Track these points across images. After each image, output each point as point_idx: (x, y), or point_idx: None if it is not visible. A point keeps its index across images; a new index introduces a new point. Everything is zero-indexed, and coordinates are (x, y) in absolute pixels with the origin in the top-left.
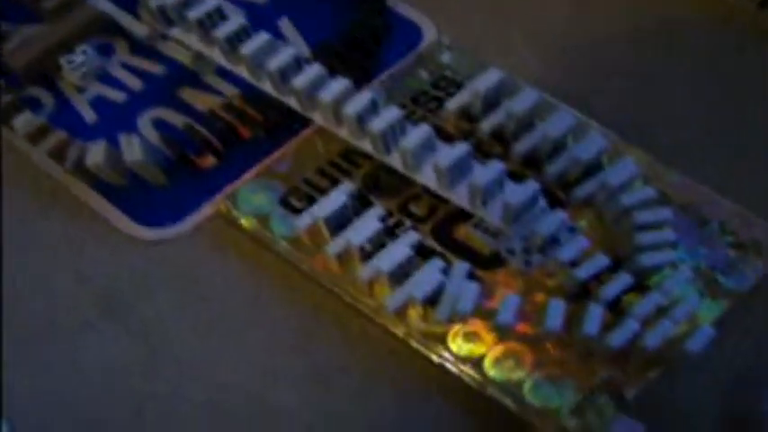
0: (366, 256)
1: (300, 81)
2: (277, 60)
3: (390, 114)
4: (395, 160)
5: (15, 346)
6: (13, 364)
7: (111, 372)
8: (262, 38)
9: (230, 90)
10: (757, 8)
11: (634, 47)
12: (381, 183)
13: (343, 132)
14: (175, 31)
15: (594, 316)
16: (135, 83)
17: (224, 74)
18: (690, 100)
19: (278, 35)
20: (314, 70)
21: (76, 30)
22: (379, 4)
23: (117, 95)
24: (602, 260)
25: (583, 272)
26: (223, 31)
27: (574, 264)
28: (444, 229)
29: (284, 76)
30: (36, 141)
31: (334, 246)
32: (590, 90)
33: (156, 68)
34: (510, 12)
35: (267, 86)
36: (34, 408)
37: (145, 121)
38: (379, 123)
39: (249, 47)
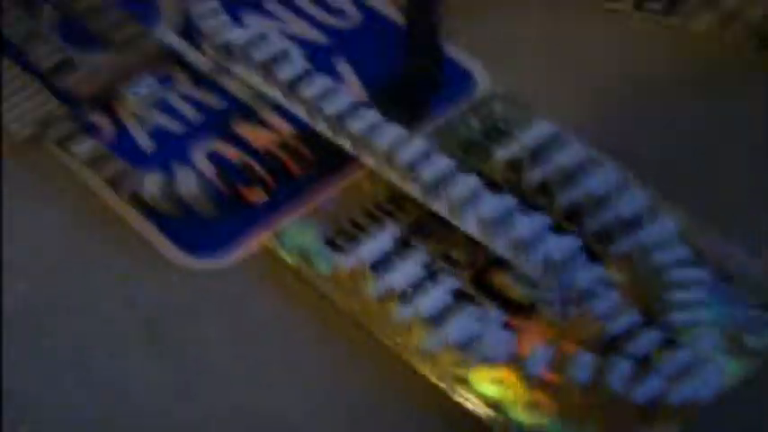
0: (405, 299)
1: (357, 125)
2: (335, 105)
3: (441, 163)
4: (441, 207)
5: (57, 363)
6: (53, 382)
7: (150, 394)
8: (323, 82)
9: (285, 127)
10: None
11: (683, 102)
12: (426, 228)
13: (393, 176)
14: (238, 68)
15: (621, 370)
16: (193, 114)
17: (280, 110)
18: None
19: (335, 75)
20: (370, 116)
21: (142, 61)
22: (436, 51)
23: (175, 126)
24: (633, 317)
25: (615, 326)
26: (286, 73)
27: (607, 317)
28: (483, 276)
29: (341, 119)
30: (95, 168)
31: (377, 288)
32: (635, 145)
33: (214, 102)
34: (564, 63)
35: (322, 127)
36: (70, 424)
37: (200, 153)
38: (429, 172)
39: (310, 90)
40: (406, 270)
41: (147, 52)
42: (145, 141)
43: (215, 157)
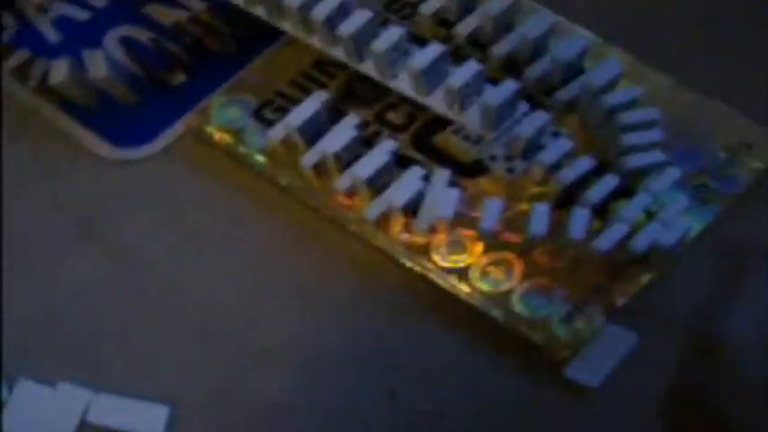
0: (343, 166)
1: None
2: None
3: (361, 17)
4: (368, 68)
5: None
6: None
7: (92, 293)
8: None
9: (196, 4)
10: None
11: None
12: (356, 92)
13: (314, 41)
14: None
15: (580, 220)
16: (98, 1)
17: None
18: None
19: None
20: None
21: None
22: None
23: (81, 14)
24: (586, 162)
25: (567, 175)
26: None
27: (557, 167)
28: (424, 137)
29: None
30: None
31: (310, 156)
32: None
33: None
34: None
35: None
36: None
37: (111, 40)
38: (349, 27)
39: None
40: (340, 135)
41: None
42: (50, 32)
43: (128, 43)
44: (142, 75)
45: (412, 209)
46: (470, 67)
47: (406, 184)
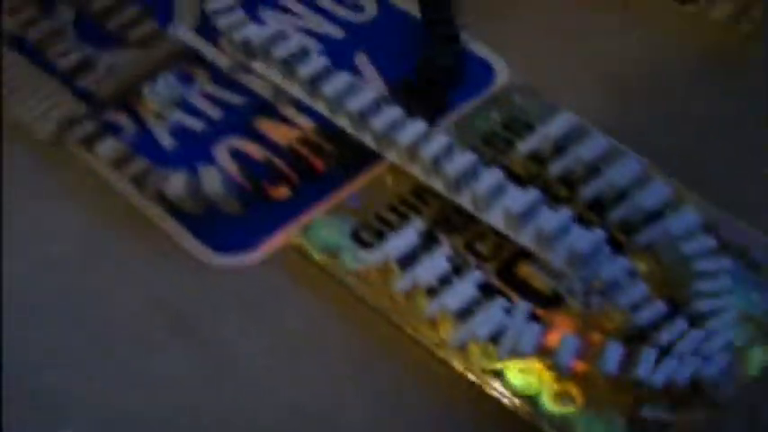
0: (432, 292)
1: (379, 122)
2: (357, 101)
3: (465, 159)
4: (465, 201)
5: (84, 356)
6: (79, 373)
7: (177, 386)
8: (344, 79)
9: (306, 123)
10: None
11: (700, 90)
12: (449, 220)
13: (417, 171)
14: (258, 66)
15: (647, 360)
16: (214, 112)
17: (301, 106)
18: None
19: (353, 69)
20: (392, 112)
21: (161, 60)
22: (454, 43)
23: (196, 124)
24: (660, 307)
25: (641, 317)
26: (306, 70)
27: (633, 308)
28: (508, 268)
29: (362, 116)
30: (118, 168)
31: (403, 283)
32: (655, 135)
33: (234, 99)
34: (583, 52)
35: (344, 123)
36: (99, 417)
37: (222, 150)
38: (453, 167)
39: (331, 87)
40: (432, 264)
41: (164, 51)
42: (166, 140)
43: (238, 155)
44: (248, 186)
45: (493, 338)
46: (562, 214)
47: (490, 317)
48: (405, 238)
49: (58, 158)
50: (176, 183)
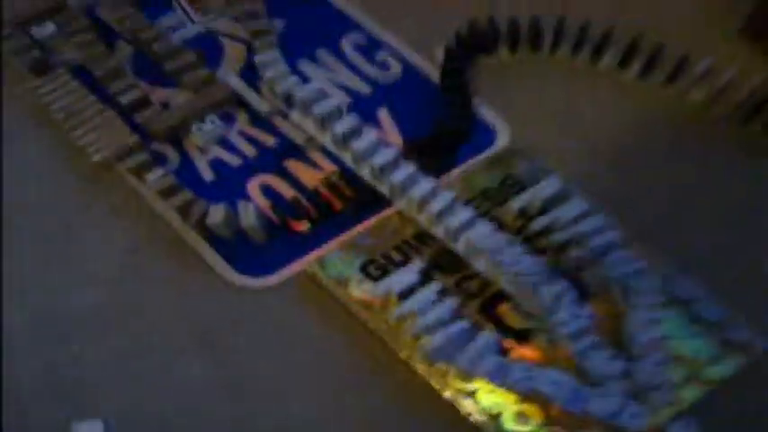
0: (419, 320)
1: (394, 177)
2: (378, 158)
3: (465, 214)
4: (460, 248)
5: (117, 359)
6: (111, 375)
7: (199, 393)
8: (370, 138)
9: (330, 167)
10: None
11: (674, 156)
12: (443, 261)
13: (422, 220)
14: (295, 115)
15: (595, 395)
16: (250, 151)
17: (326, 151)
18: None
19: (375, 122)
20: (406, 169)
21: (208, 102)
22: (466, 108)
23: (233, 160)
24: (605, 353)
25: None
26: (339, 127)
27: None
28: (489, 305)
29: (382, 171)
30: (165, 197)
31: (399, 311)
32: (630, 198)
33: (269, 140)
34: (576, 122)
35: (364, 173)
36: (126, 413)
37: (255, 186)
38: (454, 221)
39: (359, 144)
40: (425, 298)
41: (212, 94)
42: (207, 173)
43: (268, 191)
44: (275, 220)
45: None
46: (538, 263)
47: (468, 348)
48: (405, 277)
49: (107, 182)
50: (216, 214)
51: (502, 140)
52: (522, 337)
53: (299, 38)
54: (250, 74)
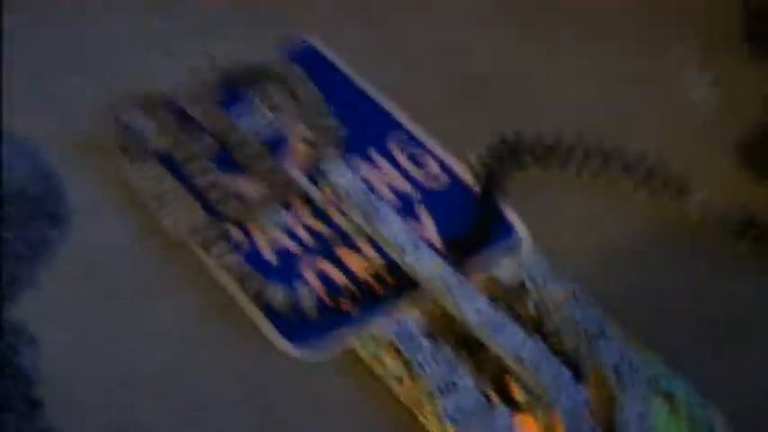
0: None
1: (431, 273)
2: (414, 255)
3: (483, 305)
4: (482, 337)
5: (183, 421)
6: (171, 427)
7: None
8: (425, 252)
9: (375, 256)
10: None
11: (671, 263)
12: (469, 344)
13: (449, 307)
14: (348, 209)
15: None
16: (307, 238)
17: (374, 242)
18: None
19: (417, 221)
20: (441, 267)
21: (274, 191)
22: (495, 212)
23: (293, 246)
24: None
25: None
26: (386, 229)
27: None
28: (499, 377)
29: (418, 265)
30: (232, 274)
31: (426, 387)
32: (629, 299)
33: (325, 230)
34: (589, 227)
35: (404, 266)
36: None
37: (310, 269)
38: (477, 317)
39: (415, 256)
40: (443, 373)
41: (278, 184)
42: (269, 255)
43: (321, 274)
44: (327, 301)
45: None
46: (544, 351)
47: (481, 421)
48: (435, 362)
49: (180, 256)
50: (278, 294)
51: (525, 242)
52: (525, 408)
53: (356, 138)
54: (311, 169)
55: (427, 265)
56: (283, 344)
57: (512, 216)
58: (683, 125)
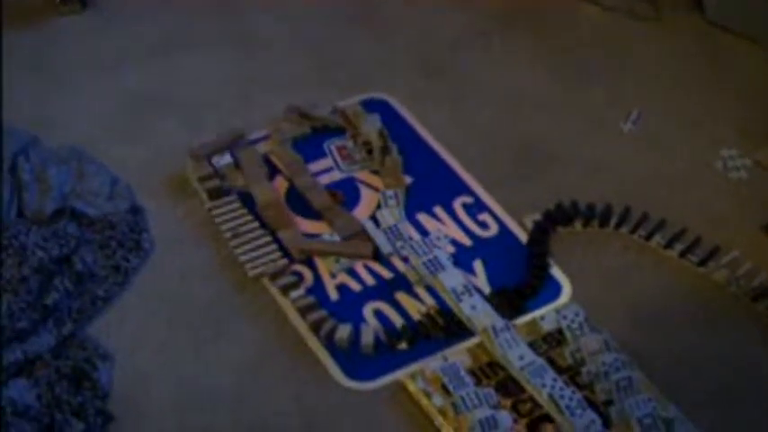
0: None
1: (483, 322)
2: (468, 302)
3: (525, 351)
4: (522, 378)
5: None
6: None
7: None
8: (476, 299)
9: (430, 301)
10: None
11: (695, 323)
12: (509, 386)
13: (497, 354)
14: (409, 255)
15: None
16: (370, 280)
17: (430, 289)
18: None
19: (470, 270)
20: (491, 316)
21: (344, 237)
22: (544, 270)
23: (356, 286)
24: None
25: None
26: (445, 279)
27: None
28: (535, 423)
29: (470, 312)
30: (300, 310)
31: (470, 424)
32: (658, 358)
33: (386, 274)
34: (623, 288)
35: (456, 311)
36: None
37: (369, 309)
38: (519, 362)
39: (467, 303)
40: (485, 411)
41: (347, 229)
42: (333, 293)
43: (380, 314)
44: (383, 338)
45: None
46: (578, 399)
47: None
48: (479, 398)
49: (252, 290)
50: (343, 332)
51: (564, 295)
52: None
53: (424, 194)
54: (378, 218)
55: (478, 312)
56: (340, 375)
57: (555, 269)
58: (720, 197)
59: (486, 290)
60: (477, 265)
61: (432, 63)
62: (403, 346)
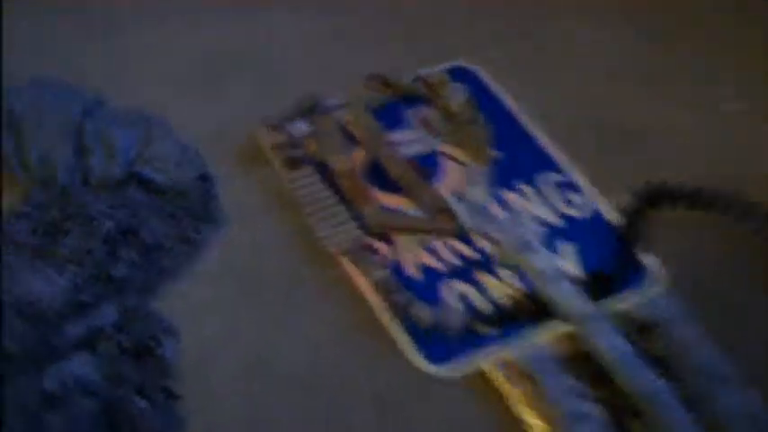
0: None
1: (572, 307)
2: (555, 287)
3: (613, 337)
4: (614, 369)
5: (314, 417)
6: (297, 419)
7: None
8: (567, 283)
9: (515, 282)
10: None
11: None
12: (598, 376)
13: (587, 342)
14: (495, 234)
15: None
16: (452, 259)
17: (515, 270)
18: None
19: (559, 252)
20: (580, 302)
21: (425, 212)
22: (633, 255)
23: (437, 264)
24: None
25: None
26: (535, 262)
27: None
28: (623, 417)
29: (556, 298)
30: (380, 289)
31: (550, 411)
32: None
33: (470, 253)
34: (720, 278)
35: (544, 296)
36: None
37: (451, 289)
38: (611, 352)
39: (558, 287)
40: (574, 403)
41: (429, 204)
42: (412, 270)
43: (463, 296)
44: (467, 322)
45: None
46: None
47: None
48: (567, 389)
49: (325, 263)
50: (422, 311)
51: (656, 283)
52: None
53: (510, 169)
54: (461, 190)
55: (567, 297)
56: (418, 358)
57: (649, 256)
58: None
59: (576, 273)
60: (567, 247)
61: (523, 32)
62: (488, 330)
